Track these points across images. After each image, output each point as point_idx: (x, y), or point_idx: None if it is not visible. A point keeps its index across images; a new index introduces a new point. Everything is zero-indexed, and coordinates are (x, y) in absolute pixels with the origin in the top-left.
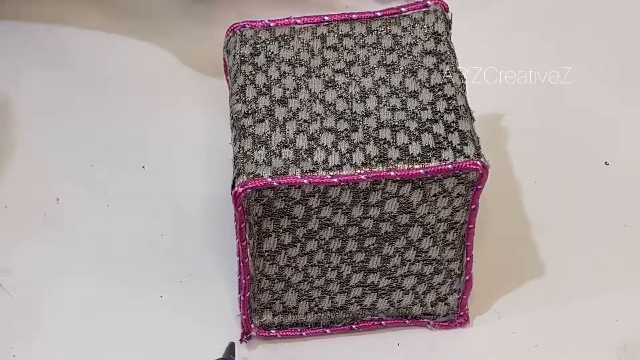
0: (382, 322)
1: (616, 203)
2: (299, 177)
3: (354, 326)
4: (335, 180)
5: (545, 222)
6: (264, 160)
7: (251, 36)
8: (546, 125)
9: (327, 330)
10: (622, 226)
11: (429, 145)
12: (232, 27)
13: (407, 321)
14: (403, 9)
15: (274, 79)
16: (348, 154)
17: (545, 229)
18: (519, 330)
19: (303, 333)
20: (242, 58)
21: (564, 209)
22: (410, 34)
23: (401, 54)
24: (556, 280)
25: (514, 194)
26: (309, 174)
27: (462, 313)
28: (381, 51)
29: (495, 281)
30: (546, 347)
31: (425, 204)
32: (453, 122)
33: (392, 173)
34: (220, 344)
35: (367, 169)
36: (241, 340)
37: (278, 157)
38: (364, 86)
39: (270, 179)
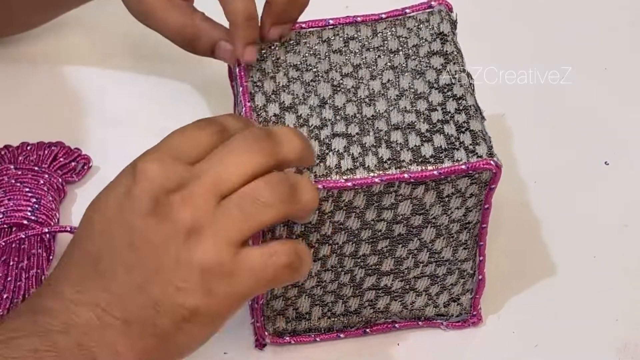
0: (396, 325)
1: (616, 203)
2: (313, 181)
3: (367, 330)
4: (349, 184)
5: (544, 222)
6: None
7: (256, 42)
8: (546, 125)
9: (341, 335)
10: (622, 226)
11: (441, 146)
12: None
13: (420, 323)
14: (407, 10)
15: (282, 85)
16: (360, 158)
17: (545, 228)
18: (519, 330)
19: (317, 339)
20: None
21: (564, 209)
22: (415, 35)
23: (408, 56)
24: (556, 280)
25: (513, 194)
26: (322, 178)
27: (475, 313)
28: (388, 53)
29: (495, 281)
30: (546, 347)
31: (438, 205)
32: (464, 122)
33: (405, 175)
34: (225, 346)
35: (381, 172)
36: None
37: None
38: (372, 89)
39: None
